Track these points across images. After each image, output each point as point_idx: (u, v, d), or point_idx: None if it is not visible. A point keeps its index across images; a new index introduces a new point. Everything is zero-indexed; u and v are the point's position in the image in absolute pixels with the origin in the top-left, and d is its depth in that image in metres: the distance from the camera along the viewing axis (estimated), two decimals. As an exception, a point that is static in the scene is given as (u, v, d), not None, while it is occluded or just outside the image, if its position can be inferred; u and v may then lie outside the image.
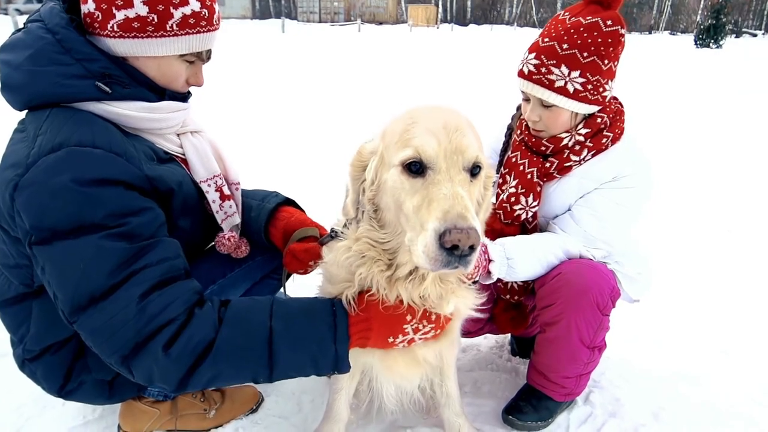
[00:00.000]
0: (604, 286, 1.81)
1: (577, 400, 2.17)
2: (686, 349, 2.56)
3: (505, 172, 2.04)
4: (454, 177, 1.26)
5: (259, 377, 1.45)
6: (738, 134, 7.39)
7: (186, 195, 1.65)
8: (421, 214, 1.22)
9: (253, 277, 1.94)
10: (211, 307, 1.43)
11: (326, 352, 1.45)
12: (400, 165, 1.29)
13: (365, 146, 1.34)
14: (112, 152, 1.40)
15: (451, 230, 1.13)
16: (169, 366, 1.35)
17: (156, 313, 1.35)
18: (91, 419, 2.04)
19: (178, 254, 1.49)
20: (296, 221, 1.87)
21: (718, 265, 3.50)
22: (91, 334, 1.39)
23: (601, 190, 1.88)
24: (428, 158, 1.26)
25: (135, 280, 1.35)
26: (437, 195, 1.21)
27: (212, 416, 1.98)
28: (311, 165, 5.32)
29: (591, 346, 1.90)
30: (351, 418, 1.91)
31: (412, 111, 1.36)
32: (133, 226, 1.38)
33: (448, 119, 1.30)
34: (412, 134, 1.28)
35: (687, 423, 2.06)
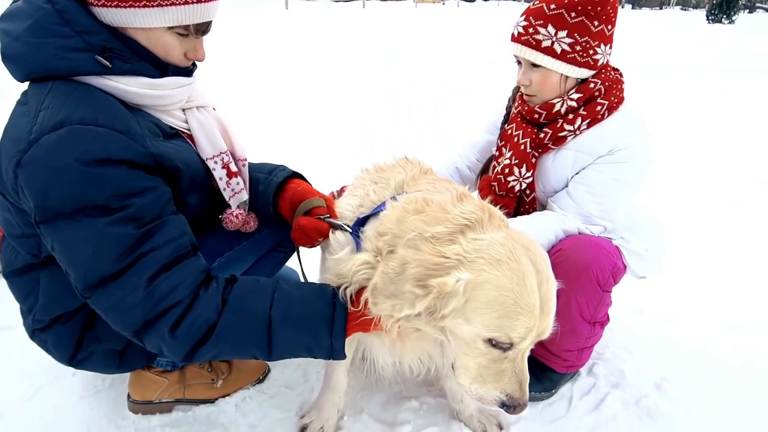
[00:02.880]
0: (605, 262, 1.81)
1: (581, 372, 2.19)
2: (691, 323, 2.56)
3: (501, 144, 2.03)
4: (525, 353, 1.35)
5: (258, 357, 1.52)
6: (748, 111, 7.27)
7: (193, 172, 1.64)
8: (486, 375, 1.35)
9: (259, 250, 1.95)
10: (215, 289, 1.46)
11: (322, 344, 1.49)
12: (486, 337, 1.31)
13: (449, 284, 1.26)
14: (115, 130, 1.38)
15: (516, 407, 1.34)
16: (174, 345, 1.42)
17: (163, 297, 1.39)
18: (101, 389, 2.08)
19: (184, 232, 1.49)
20: (302, 191, 1.86)
21: (725, 240, 3.48)
22: (104, 311, 1.44)
23: (597, 165, 1.86)
24: (518, 347, 1.32)
25: (142, 264, 1.38)
26: (509, 371, 1.34)
27: (219, 386, 2.01)
28: (317, 143, 5.30)
29: (592, 321, 1.91)
30: (353, 386, 1.94)
31: (515, 285, 1.26)
32: (137, 207, 1.38)
33: (545, 298, 1.31)
34: (511, 323, 1.27)
35: (689, 394, 2.07)
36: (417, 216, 1.39)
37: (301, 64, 10.22)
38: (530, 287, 1.27)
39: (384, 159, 1.87)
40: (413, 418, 1.95)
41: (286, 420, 1.94)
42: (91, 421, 1.93)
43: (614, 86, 1.87)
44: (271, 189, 1.88)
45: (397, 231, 1.40)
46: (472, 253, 1.29)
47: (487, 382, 1.34)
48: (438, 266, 1.29)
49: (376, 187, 1.66)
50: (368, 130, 5.86)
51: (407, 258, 1.32)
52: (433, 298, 1.28)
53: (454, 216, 1.37)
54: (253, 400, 2.04)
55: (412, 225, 1.38)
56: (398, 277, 1.31)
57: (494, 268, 1.27)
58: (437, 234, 1.34)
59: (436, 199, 1.44)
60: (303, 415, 1.92)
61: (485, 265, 1.27)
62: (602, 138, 1.83)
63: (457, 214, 1.37)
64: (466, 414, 1.92)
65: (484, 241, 1.32)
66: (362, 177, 1.80)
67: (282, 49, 12.12)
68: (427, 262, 1.29)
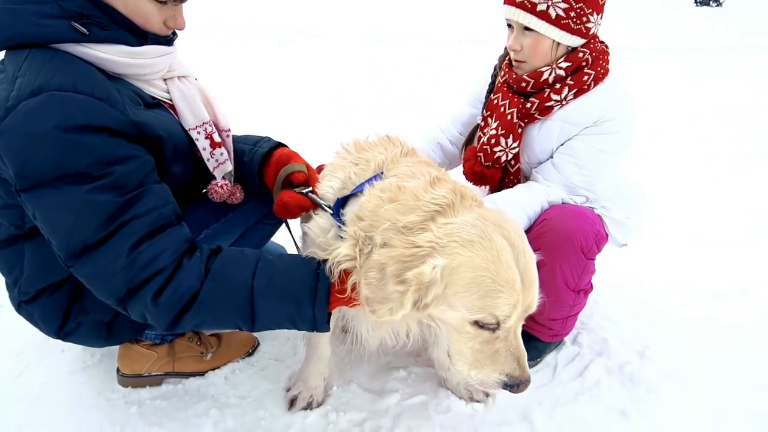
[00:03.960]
0: (588, 230, 1.83)
1: (565, 341, 2.23)
2: (673, 293, 2.62)
3: (486, 114, 2.03)
4: (517, 330, 1.35)
5: (241, 327, 1.51)
6: (734, 92, 7.33)
7: (176, 142, 1.63)
8: (482, 358, 1.34)
9: (246, 222, 1.94)
10: (199, 258, 1.46)
11: (304, 315, 1.48)
12: (472, 319, 1.30)
13: (425, 273, 1.26)
14: (95, 97, 1.37)
15: (519, 385, 1.34)
16: (158, 313, 1.42)
17: (145, 264, 1.38)
18: (90, 364, 2.08)
19: (167, 201, 1.49)
20: (286, 155, 1.85)
21: (707, 214, 3.54)
22: (86, 279, 1.44)
23: (583, 136, 1.87)
24: (505, 325, 1.31)
25: (124, 232, 1.37)
26: (504, 350, 1.33)
27: (209, 359, 2.02)
28: (302, 120, 5.26)
29: (576, 289, 1.94)
30: (342, 357, 1.96)
31: (490, 263, 1.26)
32: (118, 175, 1.37)
33: (525, 271, 1.30)
34: (493, 302, 1.27)
35: (671, 361, 2.12)
36: (391, 205, 1.39)
37: (287, 44, 10.10)
38: (506, 263, 1.27)
39: (364, 136, 1.83)
40: (401, 387, 1.98)
41: (276, 391, 1.96)
42: (81, 396, 1.94)
43: (601, 57, 1.88)
44: (257, 159, 1.87)
45: (373, 220, 1.39)
46: (443, 238, 1.29)
47: (484, 365, 1.34)
48: (412, 257, 1.29)
49: (357, 169, 1.63)
50: (351, 108, 5.83)
51: (382, 259, 1.31)
52: (414, 291, 1.27)
53: (425, 203, 1.36)
54: (243, 372, 2.06)
55: (386, 215, 1.38)
56: (381, 281, 1.31)
57: (467, 250, 1.27)
58: (409, 224, 1.34)
59: (409, 186, 1.43)
60: (290, 387, 1.94)
61: (458, 248, 1.27)
62: (588, 109, 1.84)
63: (428, 201, 1.37)
64: (453, 382, 1.95)
65: (455, 224, 1.31)
66: (342, 156, 1.76)
67: (268, 28, 11.94)
68: (401, 257, 1.29)
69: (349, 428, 1.81)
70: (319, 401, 1.89)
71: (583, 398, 1.94)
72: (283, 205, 1.72)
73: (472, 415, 1.88)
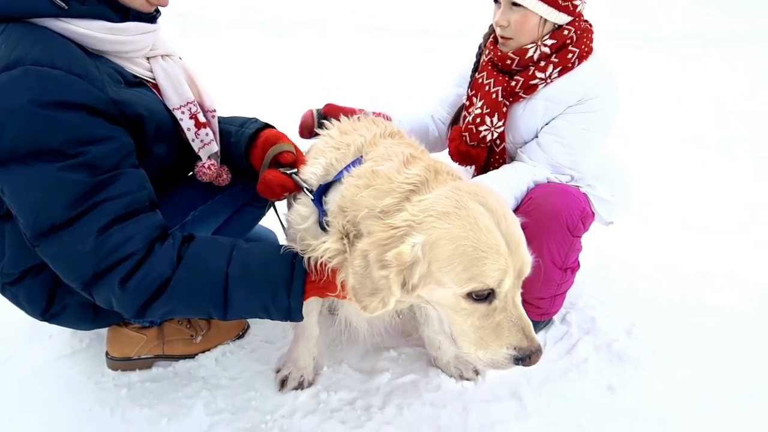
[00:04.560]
0: (574, 208, 1.85)
1: (554, 320, 2.25)
2: (660, 273, 2.65)
3: (471, 93, 2.03)
4: (516, 298, 1.30)
5: (213, 316, 1.48)
6: (721, 79, 7.38)
7: (159, 121, 1.60)
8: (486, 335, 1.28)
9: (233, 204, 1.93)
10: (171, 244, 1.43)
11: (279, 304, 1.46)
12: (463, 293, 1.25)
13: (405, 252, 1.22)
14: (72, 73, 1.34)
15: (531, 356, 1.27)
16: (125, 298, 1.38)
17: (114, 248, 1.36)
18: (79, 348, 2.07)
19: (142, 186, 1.46)
20: (274, 136, 1.82)
21: (694, 196, 3.58)
22: (52, 260, 1.41)
23: (567, 115, 1.88)
24: (500, 292, 1.26)
25: (94, 213, 1.35)
26: (506, 322, 1.27)
27: (198, 342, 2.02)
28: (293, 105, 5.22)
29: (563, 267, 1.95)
30: (332, 338, 1.97)
31: (468, 231, 1.22)
32: (93, 155, 1.35)
33: (508, 234, 1.25)
34: (480, 270, 1.21)
35: (657, 338, 2.15)
36: (366, 191, 1.36)
37: (280, 34, 10.00)
38: (486, 228, 1.23)
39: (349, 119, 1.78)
40: (392, 367, 1.99)
41: (267, 372, 1.97)
42: (69, 380, 1.93)
43: (585, 35, 1.88)
44: (243, 140, 1.84)
45: (354, 210, 1.37)
46: (419, 214, 1.26)
47: (489, 342, 1.28)
48: (391, 239, 1.25)
49: (338, 154, 1.59)
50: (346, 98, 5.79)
51: (364, 246, 1.28)
52: (397, 272, 1.24)
53: (399, 184, 1.34)
54: (234, 354, 2.06)
55: (363, 202, 1.35)
56: (366, 270, 1.28)
57: (444, 222, 1.24)
58: (386, 207, 1.32)
59: (383, 169, 1.40)
60: (279, 368, 1.94)
61: (434, 221, 1.24)
62: (572, 87, 1.85)
63: (402, 181, 1.34)
64: (443, 361, 1.97)
65: (429, 199, 1.29)
66: (325, 141, 1.71)
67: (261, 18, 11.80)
68: (380, 241, 1.26)
69: (340, 407, 1.82)
70: (309, 381, 1.90)
71: (571, 375, 1.97)
72: (265, 183, 1.69)
73: (462, 392, 1.89)
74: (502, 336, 1.27)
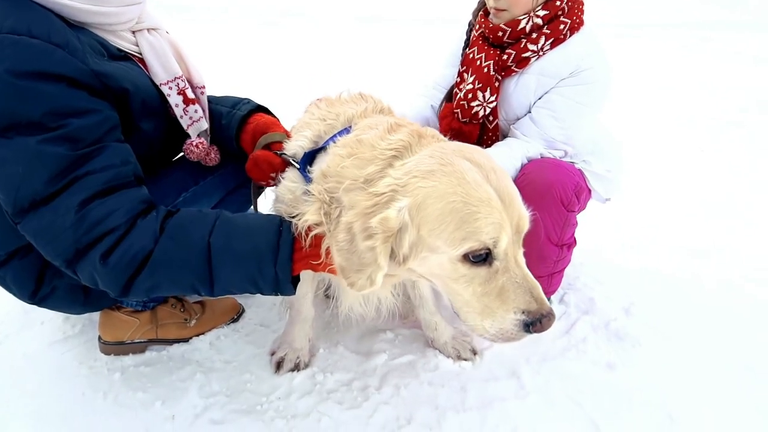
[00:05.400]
0: (567, 182, 1.82)
1: (552, 300, 2.23)
2: (658, 252, 2.65)
3: (462, 69, 2.00)
4: (518, 257, 1.21)
5: (200, 291, 1.41)
6: (716, 66, 7.36)
7: (145, 96, 1.55)
8: (490, 302, 1.19)
9: (226, 185, 1.90)
10: (154, 217, 1.38)
11: (266, 275, 1.38)
12: (459, 256, 1.16)
13: (390, 217, 1.15)
14: (51, 43, 1.29)
15: (541, 320, 1.17)
16: (107, 275, 1.33)
17: (95, 222, 1.31)
18: (71, 334, 2.04)
19: (126, 161, 1.41)
20: (265, 124, 1.80)
21: (690, 178, 3.58)
22: (33, 236, 1.37)
23: (560, 89, 1.85)
24: (498, 251, 1.17)
25: (75, 187, 1.30)
26: (510, 284, 1.18)
27: (192, 325, 1.99)
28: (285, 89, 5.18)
29: (559, 243, 1.93)
30: (328, 320, 1.95)
31: (456, 186, 1.15)
32: (74, 128, 1.30)
33: (500, 187, 1.17)
34: (473, 227, 1.13)
35: (656, 317, 2.14)
36: (349, 160, 1.30)
37: (271, 24, 9.94)
38: (474, 182, 1.16)
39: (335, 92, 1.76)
40: (389, 348, 1.97)
41: (262, 355, 1.94)
42: (62, 365, 1.90)
43: (576, 6, 1.86)
44: (234, 122, 1.81)
45: (337, 180, 1.30)
46: (402, 177, 1.19)
47: (496, 309, 1.19)
48: (375, 207, 1.18)
49: (326, 126, 1.53)
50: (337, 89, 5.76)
51: (348, 219, 1.21)
52: (383, 241, 1.16)
53: (381, 150, 1.27)
54: (228, 338, 2.03)
55: (346, 173, 1.29)
56: (351, 243, 1.20)
57: (428, 180, 1.17)
58: (369, 176, 1.25)
59: (367, 137, 1.34)
60: (274, 350, 1.91)
61: (419, 181, 1.17)
62: (564, 59, 1.83)
63: (384, 148, 1.27)
64: (440, 341, 1.95)
65: (412, 161, 1.23)
66: (311, 113, 1.65)
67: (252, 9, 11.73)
68: (364, 210, 1.19)
69: (337, 388, 1.80)
70: (306, 362, 1.88)
71: (569, 353, 1.95)
72: (252, 160, 1.67)
73: (459, 372, 1.87)
74: (508, 300, 1.18)
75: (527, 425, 1.65)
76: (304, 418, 1.69)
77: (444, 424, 1.66)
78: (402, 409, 1.71)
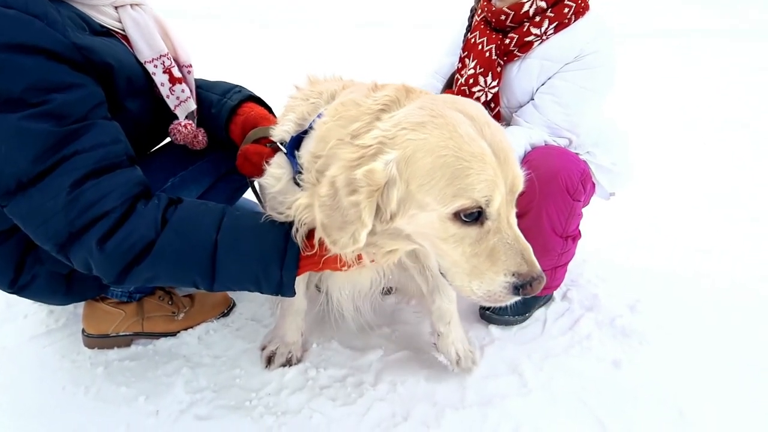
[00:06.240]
0: (573, 169, 1.75)
1: (555, 297, 2.15)
2: (663, 251, 2.57)
3: (464, 55, 1.94)
4: (510, 217, 1.15)
5: (199, 286, 1.38)
6: (716, 73, 7.33)
7: (130, 74, 1.49)
8: (479, 263, 1.13)
9: (216, 171, 1.82)
10: (156, 205, 1.32)
11: (270, 277, 1.35)
12: (449, 214, 1.10)
13: (377, 170, 1.08)
14: (29, 14, 1.22)
15: (532, 283, 1.12)
16: (104, 261, 1.27)
17: (89, 204, 1.25)
18: (54, 328, 1.97)
19: (117, 139, 1.35)
20: (255, 117, 1.74)
21: (694, 176, 3.53)
22: (22, 220, 1.30)
23: (564, 73, 1.79)
24: (491, 210, 1.11)
25: (65, 167, 1.24)
26: (501, 245, 1.12)
27: (180, 319, 1.91)
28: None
29: (564, 235, 1.86)
30: (322, 315, 1.87)
31: (448, 140, 1.07)
32: (58, 103, 1.24)
33: (494, 142, 1.10)
34: (465, 183, 1.06)
35: (662, 314, 2.06)
36: (333, 122, 1.22)
37: (269, 28, 9.94)
38: (468, 135, 1.08)
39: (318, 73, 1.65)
40: (385, 344, 1.90)
41: (253, 350, 1.86)
42: (44, 359, 1.82)
43: None
44: (224, 112, 1.75)
45: (324, 150, 1.22)
46: (390, 129, 1.11)
47: (485, 271, 1.13)
48: (361, 160, 1.11)
49: (309, 106, 1.43)
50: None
51: (332, 172, 1.14)
52: (368, 195, 1.09)
53: (368, 106, 1.19)
54: (218, 332, 1.95)
55: (331, 134, 1.21)
56: (334, 200, 1.12)
57: (419, 133, 1.09)
58: (354, 132, 1.17)
59: (350, 97, 1.26)
60: (265, 345, 1.83)
61: (408, 133, 1.09)
62: (569, 43, 1.76)
63: (370, 104, 1.20)
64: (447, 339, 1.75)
65: (401, 113, 1.15)
66: (293, 96, 1.56)
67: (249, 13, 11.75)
68: (348, 163, 1.11)
69: (330, 384, 1.72)
70: (298, 357, 1.80)
71: (573, 350, 1.87)
72: (242, 155, 1.62)
73: (458, 369, 1.79)
74: (498, 261, 1.12)
75: (530, 423, 1.57)
76: (295, 414, 1.61)
77: (443, 422, 1.58)
78: (398, 406, 1.63)
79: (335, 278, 1.65)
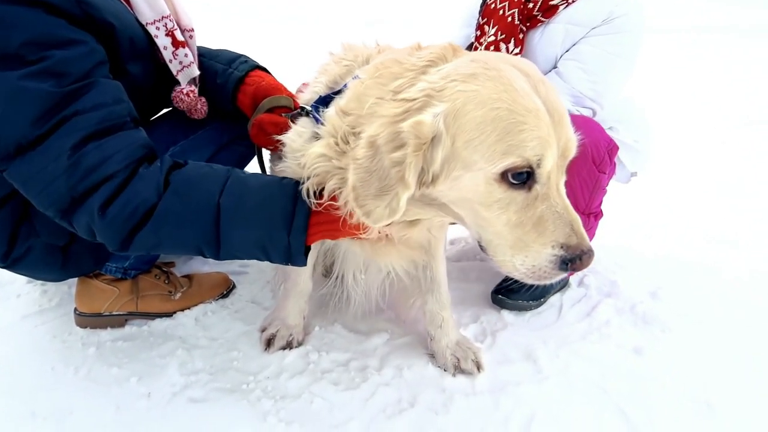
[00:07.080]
0: (599, 138, 1.65)
1: (571, 283, 2.05)
2: (682, 239, 2.48)
3: (483, 22, 1.83)
4: (560, 184, 1.07)
5: (205, 253, 1.30)
6: (730, 70, 7.17)
7: (132, 35, 1.42)
8: (524, 234, 1.04)
9: (218, 140, 1.73)
10: (159, 168, 1.25)
11: (277, 242, 1.26)
12: (497, 174, 1.01)
13: (425, 122, 1.00)
14: None
15: (581, 257, 1.02)
16: (106, 227, 1.21)
17: (91, 168, 1.18)
18: (47, 307, 1.89)
19: (119, 99, 1.28)
20: (267, 86, 1.65)
21: (714, 168, 3.42)
22: (22, 184, 1.24)
23: (591, 38, 1.68)
24: (542, 172, 1.02)
25: (65, 128, 1.17)
26: (549, 214, 1.03)
27: (177, 298, 1.83)
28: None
29: (587, 211, 1.76)
30: (324, 296, 1.79)
31: (502, 92, 0.99)
32: (57, 60, 1.17)
33: (549, 101, 1.02)
34: (517, 138, 0.98)
35: (685, 302, 1.95)
36: (371, 80, 1.14)
37: (275, 28, 9.90)
38: (522, 90, 1.00)
39: None
40: (391, 327, 1.80)
41: (252, 333, 1.77)
42: (34, 339, 1.74)
43: None
44: (231, 83, 1.67)
45: (360, 109, 1.13)
46: (439, 81, 1.03)
47: (531, 243, 1.03)
48: (405, 114, 1.02)
49: (342, 69, 1.36)
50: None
51: (371, 132, 1.05)
52: (415, 150, 0.99)
53: (412, 63, 1.11)
54: (216, 314, 1.87)
55: (369, 92, 1.12)
56: (374, 160, 1.03)
57: (470, 84, 1.00)
58: (397, 88, 1.09)
59: (391, 56, 1.18)
60: (265, 327, 1.74)
61: (458, 85, 1.01)
62: (597, 5, 1.66)
63: (415, 61, 1.11)
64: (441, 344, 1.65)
65: (450, 66, 1.06)
66: (326, 60, 1.50)
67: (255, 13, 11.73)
68: (392, 118, 1.03)
69: (332, 368, 1.62)
70: (299, 340, 1.71)
71: (591, 337, 1.76)
72: (257, 125, 1.54)
73: (469, 355, 1.68)
74: (546, 232, 1.02)
75: (546, 410, 1.46)
76: (294, 398, 1.51)
77: (452, 408, 1.48)
78: (405, 391, 1.53)
79: (350, 261, 1.57)
